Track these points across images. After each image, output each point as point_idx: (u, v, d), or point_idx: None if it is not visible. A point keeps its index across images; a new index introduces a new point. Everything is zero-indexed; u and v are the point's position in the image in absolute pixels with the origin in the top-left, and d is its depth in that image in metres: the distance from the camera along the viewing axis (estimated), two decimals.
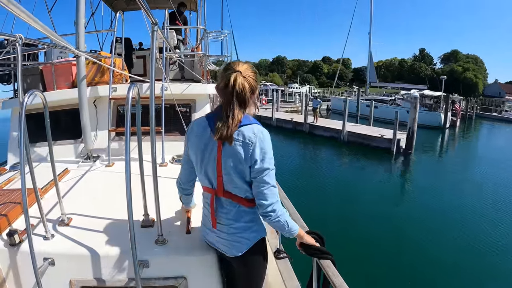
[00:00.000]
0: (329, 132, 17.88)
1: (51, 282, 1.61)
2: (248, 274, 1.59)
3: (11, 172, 2.89)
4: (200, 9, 5.82)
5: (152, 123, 1.62)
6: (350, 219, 7.55)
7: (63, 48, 2.22)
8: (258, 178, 1.37)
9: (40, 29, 1.32)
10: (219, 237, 1.52)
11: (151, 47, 1.76)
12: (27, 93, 1.48)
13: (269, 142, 1.40)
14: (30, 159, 1.58)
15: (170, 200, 2.05)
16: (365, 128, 18.03)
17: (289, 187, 9.26)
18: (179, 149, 3.29)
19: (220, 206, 1.49)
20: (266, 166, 1.36)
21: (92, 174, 2.76)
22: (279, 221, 1.42)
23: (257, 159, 1.35)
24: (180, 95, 3.45)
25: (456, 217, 8.02)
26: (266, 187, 1.37)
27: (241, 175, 1.39)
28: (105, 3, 5.59)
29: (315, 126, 18.90)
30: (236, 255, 1.49)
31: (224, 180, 1.43)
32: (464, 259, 6.12)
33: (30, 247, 1.40)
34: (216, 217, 1.51)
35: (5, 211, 1.88)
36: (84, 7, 2.88)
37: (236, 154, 1.35)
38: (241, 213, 1.47)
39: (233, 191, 1.44)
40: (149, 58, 5.60)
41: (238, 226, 1.47)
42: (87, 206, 2.11)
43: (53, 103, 3.20)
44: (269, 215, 1.40)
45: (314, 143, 17.43)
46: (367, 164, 13.68)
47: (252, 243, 1.49)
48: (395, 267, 5.73)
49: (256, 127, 1.39)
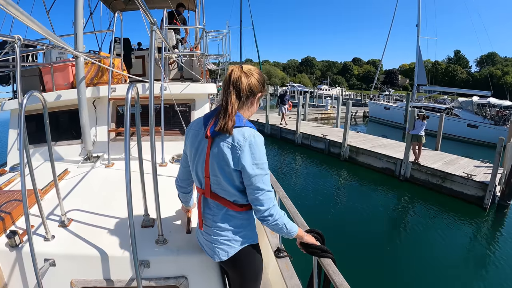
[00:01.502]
0: (381, 161, 10.81)
1: (52, 283, 1.61)
2: (238, 279, 1.56)
3: (11, 173, 2.88)
4: (198, 9, 5.82)
5: (152, 123, 1.62)
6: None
7: (62, 49, 2.21)
8: (251, 185, 1.33)
9: (39, 30, 1.32)
10: (206, 239, 1.51)
11: (150, 47, 1.76)
12: (26, 94, 1.47)
13: (261, 147, 1.34)
14: (29, 160, 1.58)
15: (170, 200, 2.05)
16: (435, 156, 10.48)
17: None
18: (178, 149, 3.30)
19: (208, 207, 1.48)
20: (258, 172, 1.32)
21: (92, 175, 2.76)
22: (277, 224, 1.40)
23: (246, 165, 1.30)
24: (179, 95, 3.45)
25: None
26: (261, 193, 1.34)
27: (229, 179, 1.36)
28: (103, 4, 5.57)
29: (358, 151, 11.69)
30: (221, 259, 1.46)
31: (211, 181, 1.41)
32: None
33: (31, 248, 1.40)
34: (202, 218, 1.50)
35: (6, 212, 1.88)
36: (83, 8, 2.88)
37: (223, 156, 1.32)
38: (228, 217, 1.44)
39: (220, 193, 1.42)
40: (148, 58, 5.60)
41: (224, 229, 1.44)
42: (87, 207, 2.12)
43: (52, 103, 3.20)
44: (266, 220, 1.38)
45: (353, 175, 10.96)
46: (448, 227, 7.31)
47: (238, 249, 1.46)
48: None
49: (248, 130, 1.34)
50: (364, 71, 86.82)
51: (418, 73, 24.27)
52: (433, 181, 9.21)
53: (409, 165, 9.73)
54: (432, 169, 9.25)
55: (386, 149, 11.33)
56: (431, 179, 9.27)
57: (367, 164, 11.37)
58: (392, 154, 10.62)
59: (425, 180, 9.42)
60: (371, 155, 11.25)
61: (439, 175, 9.05)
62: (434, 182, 9.20)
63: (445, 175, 8.88)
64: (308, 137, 14.42)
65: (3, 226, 1.78)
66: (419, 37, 23.90)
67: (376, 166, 11.04)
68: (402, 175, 9.98)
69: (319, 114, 24.76)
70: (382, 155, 10.80)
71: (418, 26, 23.71)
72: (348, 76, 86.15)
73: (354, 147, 11.88)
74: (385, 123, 23.17)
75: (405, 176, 9.92)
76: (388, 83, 70.60)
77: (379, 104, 25.37)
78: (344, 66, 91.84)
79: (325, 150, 13.38)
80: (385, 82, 72.27)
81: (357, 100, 38.74)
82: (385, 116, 23.51)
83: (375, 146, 11.98)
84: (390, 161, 10.48)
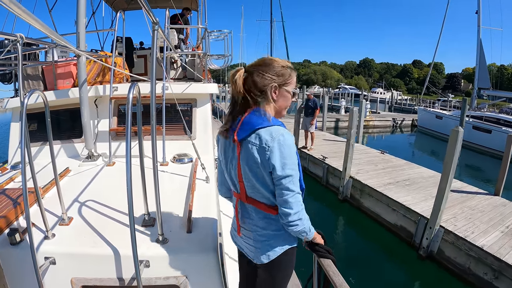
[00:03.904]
0: (394, 214, 6.04)
1: (52, 281, 1.62)
2: (269, 283, 1.52)
3: (12, 171, 2.89)
4: (201, 8, 5.83)
5: (153, 122, 1.62)
6: None
7: (64, 48, 2.22)
8: (280, 186, 1.26)
9: (41, 29, 1.32)
10: (246, 242, 1.49)
11: (152, 47, 1.76)
12: (28, 93, 1.48)
13: (290, 146, 1.27)
14: (31, 159, 1.58)
15: (171, 199, 2.05)
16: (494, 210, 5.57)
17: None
18: (180, 148, 3.31)
19: (246, 212, 1.44)
20: (289, 173, 1.24)
21: (93, 174, 2.77)
22: (304, 229, 1.34)
23: (276, 165, 1.23)
24: (181, 95, 3.45)
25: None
26: (291, 194, 1.26)
27: (262, 182, 1.31)
28: (105, 3, 5.59)
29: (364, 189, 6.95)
30: (263, 262, 1.43)
31: (245, 185, 1.36)
32: None
33: (31, 246, 1.40)
34: (240, 223, 1.48)
35: (6, 210, 1.88)
36: (85, 7, 2.88)
37: (253, 159, 1.27)
38: (267, 221, 1.40)
39: (256, 197, 1.37)
40: (150, 57, 5.60)
41: (266, 234, 1.41)
42: (88, 205, 2.12)
43: (54, 102, 3.21)
44: (295, 225, 1.29)
45: (351, 227, 6.94)
46: None
47: (280, 253, 1.42)
48: None
49: (275, 129, 1.27)
50: (425, 74, 78.00)
51: (479, 74, 18.14)
52: (479, 273, 4.39)
53: (439, 232, 4.96)
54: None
55: (411, 190, 6.46)
56: (477, 266, 4.43)
57: (375, 214, 6.56)
58: (414, 204, 5.74)
59: (462, 268, 4.63)
60: (381, 199, 6.34)
61: None
62: (480, 276, 4.38)
63: None
64: (306, 158, 9.61)
65: (4, 224, 1.78)
66: (480, 27, 17.83)
67: (387, 221, 6.19)
68: (424, 249, 5.17)
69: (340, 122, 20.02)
70: (397, 204, 5.88)
71: (478, 13, 17.81)
72: (407, 79, 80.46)
73: (358, 182, 7.03)
74: (436, 135, 18.25)
75: (429, 250, 5.13)
76: (449, 88, 61.95)
77: (430, 111, 19.66)
78: (404, 68, 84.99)
79: (323, 180, 8.70)
80: (447, 87, 64.12)
81: (410, 105, 33.18)
82: (436, 126, 18.39)
83: (396, 182, 7.00)
84: (409, 217, 5.61)
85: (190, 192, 2.27)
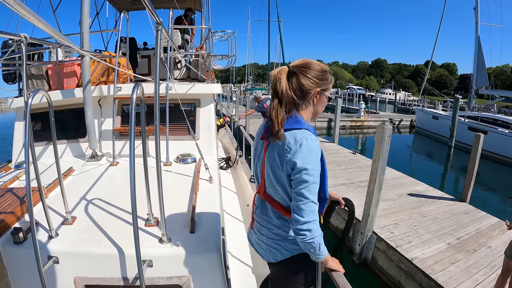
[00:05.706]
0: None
1: (55, 280, 1.62)
2: (278, 283, 1.54)
3: (16, 170, 2.91)
4: (204, 9, 5.84)
5: (157, 123, 1.62)
6: None
7: (68, 48, 2.23)
8: (296, 190, 1.22)
9: (45, 29, 1.33)
10: (258, 239, 1.51)
11: (156, 47, 1.76)
12: (32, 93, 1.48)
13: (313, 151, 1.22)
14: (34, 158, 1.58)
15: (174, 199, 2.05)
16: None
17: None
18: (183, 149, 3.31)
19: (264, 208, 1.46)
20: (306, 178, 1.19)
21: (97, 173, 2.78)
22: (312, 243, 1.23)
23: (295, 169, 1.20)
24: (184, 95, 3.45)
25: None
26: (304, 201, 1.20)
27: (281, 183, 1.30)
28: (109, 3, 5.61)
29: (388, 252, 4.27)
30: (270, 261, 1.45)
31: (266, 183, 1.39)
32: None
33: (35, 245, 1.41)
34: (255, 217, 1.52)
35: (10, 209, 1.89)
36: (89, 7, 2.89)
37: (275, 159, 1.28)
38: (283, 222, 1.39)
39: (273, 196, 1.38)
40: (154, 57, 5.62)
41: (279, 234, 1.40)
42: (91, 205, 2.12)
43: (58, 102, 3.22)
44: (303, 234, 1.21)
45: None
46: None
47: (289, 255, 1.41)
48: None
49: (300, 132, 1.23)
50: (437, 75, 76.91)
51: (477, 72, 17.17)
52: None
53: (372, 238, 4.47)
54: None
55: (362, 192, 5.72)
56: (407, 281, 3.85)
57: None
58: (357, 206, 2.34)
59: (393, 281, 4.07)
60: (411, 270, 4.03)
61: None
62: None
63: None
64: None
65: (7, 223, 1.79)
66: (478, 23, 17.15)
67: (331, 223, 5.31)
68: (357, 255, 4.65)
69: (347, 122, 19.00)
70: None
71: (476, 9, 17.22)
72: (419, 80, 75.49)
73: (385, 243, 4.32)
74: (432, 136, 18.13)
75: (362, 257, 4.59)
76: (462, 89, 57.93)
77: (427, 112, 19.17)
78: (416, 69, 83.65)
79: None
80: (459, 87, 61.83)
81: (417, 106, 31.48)
82: (433, 127, 18.15)
83: (351, 183, 6.60)
84: None
85: (194, 192, 2.27)
